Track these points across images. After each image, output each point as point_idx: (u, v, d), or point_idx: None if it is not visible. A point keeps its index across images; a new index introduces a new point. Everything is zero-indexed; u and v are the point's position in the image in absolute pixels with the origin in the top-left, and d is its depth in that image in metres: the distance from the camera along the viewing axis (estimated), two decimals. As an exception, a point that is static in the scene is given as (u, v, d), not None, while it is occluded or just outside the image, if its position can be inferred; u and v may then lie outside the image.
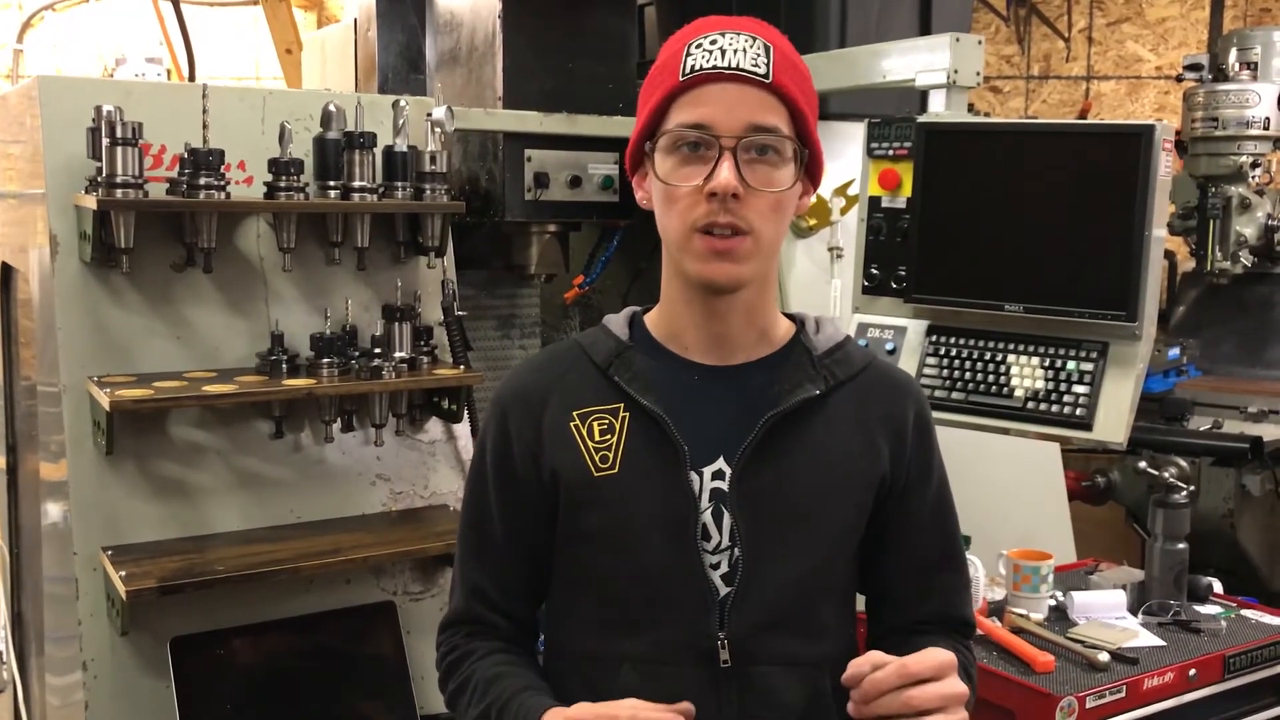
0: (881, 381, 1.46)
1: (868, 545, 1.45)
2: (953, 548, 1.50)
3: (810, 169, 1.38)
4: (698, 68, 1.31)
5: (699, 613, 1.35)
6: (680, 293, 1.40)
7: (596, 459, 1.36)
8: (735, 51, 1.31)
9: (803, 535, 1.37)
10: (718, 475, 1.36)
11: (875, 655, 1.25)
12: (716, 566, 1.35)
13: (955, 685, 1.26)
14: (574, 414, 1.38)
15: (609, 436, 1.37)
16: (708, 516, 1.36)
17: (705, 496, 1.36)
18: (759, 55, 1.32)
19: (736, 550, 1.35)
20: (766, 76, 1.31)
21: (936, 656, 1.26)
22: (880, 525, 1.44)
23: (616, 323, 1.46)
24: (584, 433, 1.37)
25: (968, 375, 2.41)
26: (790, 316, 1.48)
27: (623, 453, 1.36)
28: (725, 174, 1.29)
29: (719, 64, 1.31)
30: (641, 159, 1.39)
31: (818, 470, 1.38)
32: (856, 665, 1.25)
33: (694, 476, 1.35)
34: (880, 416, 1.43)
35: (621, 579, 1.37)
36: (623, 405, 1.37)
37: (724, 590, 1.35)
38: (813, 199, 1.44)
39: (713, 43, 1.32)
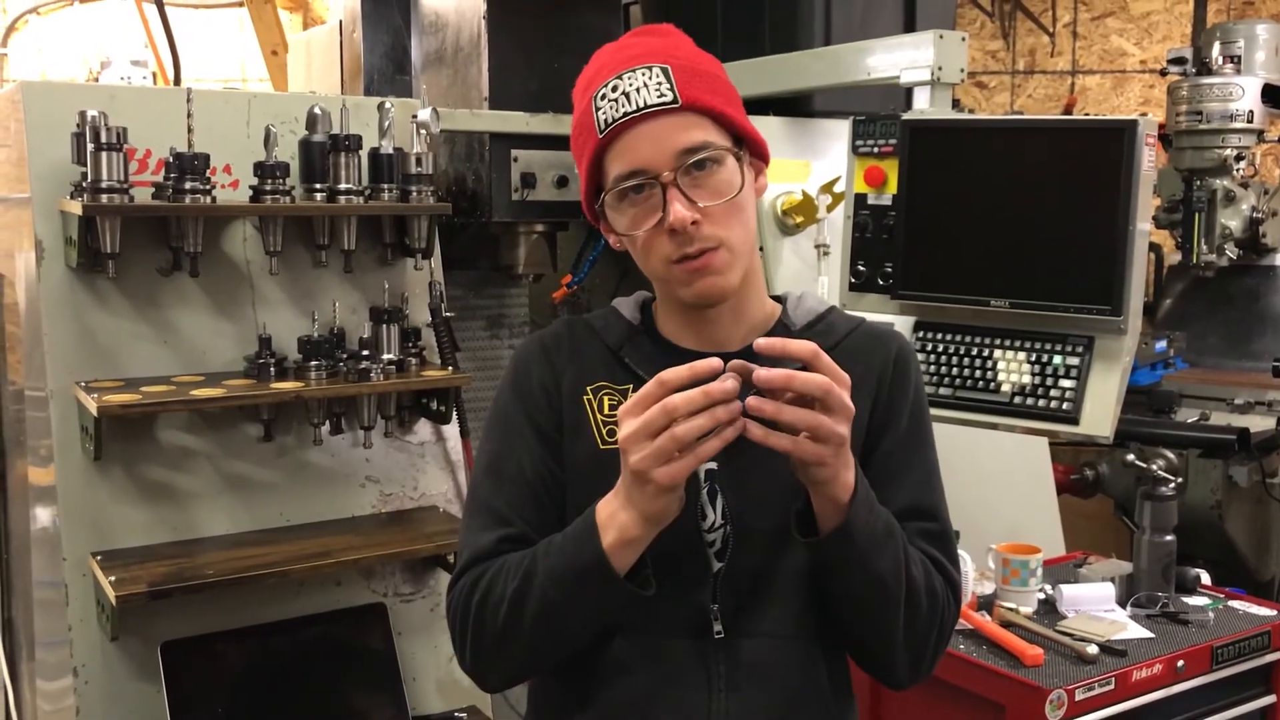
0: (866, 342, 1.47)
1: None
2: (921, 496, 1.43)
3: (754, 152, 1.41)
4: (611, 120, 1.34)
5: (693, 587, 1.37)
6: (671, 303, 1.44)
7: (604, 433, 1.39)
8: (637, 90, 1.33)
9: (792, 507, 1.36)
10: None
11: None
12: (711, 544, 1.38)
13: (839, 391, 1.21)
14: (587, 388, 1.42)
15: (617, 413, 1.38)
16: (703, 496, 1.38)
17: (700, 476, 1.38)
18: (660, 83, 1.33)
19: (728, 528, 1.37)
20: (675, 101, 1.33)
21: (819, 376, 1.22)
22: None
23: (627, 307, 1.49)
24: (595, 406, 1.41)
25: (955, 371, 2.42)
26: (775, 298, 1.50)
27: None
28: (678, 210, 1.32)
29: (627, 109, 1.33)
30: (598, 213, 1.43)
31: None
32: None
33: None
34: (864, 375, 1.42)
35: None
36: (632, 386, 1.40)
37: (717, 566, 1.38)
38: (766, 176, 1.45)
39: (614, 89, 1.34)
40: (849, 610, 1.37)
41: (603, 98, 1.35)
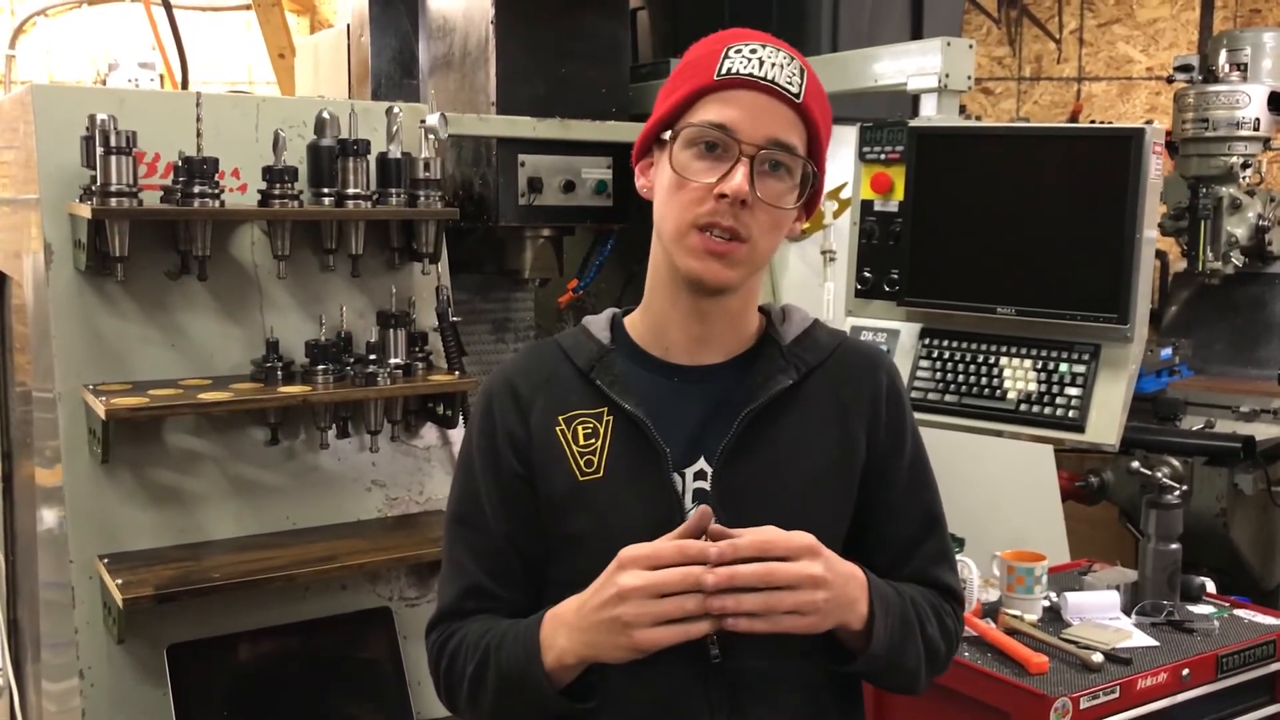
0: (852, 359, 1.47)
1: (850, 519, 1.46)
2: (931, 515, 1.49)
3: (810, 196, 1.41)
4: (734, 71, 1.34)
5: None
6: (666, 291, 1.41)
7: (582, 463, 1.37)
8: (773, 65, 1.35)
9: (788, 528, 1.34)
10: (699, 475, 1.37)
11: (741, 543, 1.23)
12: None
13: (810, 568, 1.24)
14: (559, 418, 1.39)
15: (593, 441, 1.38)
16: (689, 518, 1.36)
17: (688, 497, 1.37)
18: (794, 74, 1.36)
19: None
20: (798, 96, 1.35)
21: (798, 537, 1.25)
22: (862, 499, 1.44)
23: (597, 325, 1.47)
24: (569, 437, 1.38)
25: (960, 378, 2.42)
26: (759, 309, 1.49)
27: (607, 457, 1.37)
28: (739, 179, 1.31)
29: (756, 73, 1.34)
30: (651, 147, 1.41)
31: (798, 461, 1.39)
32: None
33: (676, 479, 1.37)
34: (854, 396, 1.44)
35: None
36: (606, 409, 1.38)
37: None
38: (803, 226, 1.46)
39: (752, 51, 1.35)
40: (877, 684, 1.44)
41: (737, 51, 1.36)
